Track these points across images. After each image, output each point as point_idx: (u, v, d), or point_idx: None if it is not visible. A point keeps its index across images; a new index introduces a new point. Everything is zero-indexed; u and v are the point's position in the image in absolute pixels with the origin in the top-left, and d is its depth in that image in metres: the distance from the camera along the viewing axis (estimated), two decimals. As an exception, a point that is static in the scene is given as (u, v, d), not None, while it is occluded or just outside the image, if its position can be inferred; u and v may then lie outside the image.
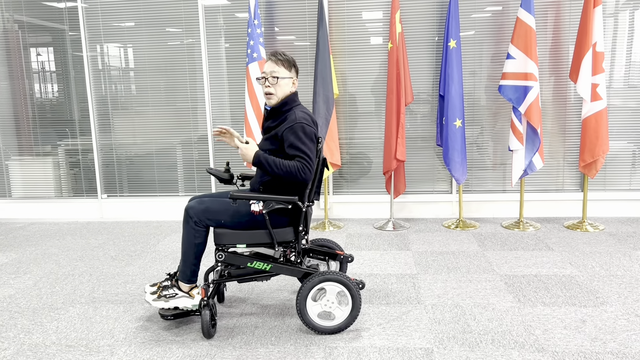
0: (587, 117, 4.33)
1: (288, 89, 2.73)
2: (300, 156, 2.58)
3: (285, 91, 2.73)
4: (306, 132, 2.60)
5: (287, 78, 2.72)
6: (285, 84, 2.72)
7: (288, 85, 2.73)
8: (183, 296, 2.77)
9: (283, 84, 2.71)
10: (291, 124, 2.61)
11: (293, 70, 2.76)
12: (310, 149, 2.61)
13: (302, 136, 2.59)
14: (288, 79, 2.73)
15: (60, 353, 2.60)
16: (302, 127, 2.60)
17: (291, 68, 2.75)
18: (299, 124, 2.60)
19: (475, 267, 3.63)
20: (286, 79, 2.72)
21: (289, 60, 2.74)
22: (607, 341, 2.54)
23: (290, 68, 2.74)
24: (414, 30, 4.80)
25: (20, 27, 5.21)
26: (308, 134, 2.61)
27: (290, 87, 2.74)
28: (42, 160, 5.45)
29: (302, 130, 2.59)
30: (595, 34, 4.21)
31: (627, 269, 3.49)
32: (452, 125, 4.43)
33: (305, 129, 2.60)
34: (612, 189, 4.85)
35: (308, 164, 2.58)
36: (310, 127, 2.63)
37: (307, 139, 2.60)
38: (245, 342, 2.65)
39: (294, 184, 2.66)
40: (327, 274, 2.65)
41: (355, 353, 2.51)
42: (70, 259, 4.08)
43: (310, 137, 2.62)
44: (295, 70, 2.78)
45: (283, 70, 2.71)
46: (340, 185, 5.12)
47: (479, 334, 2.66)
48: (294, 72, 2.76)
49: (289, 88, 2.74)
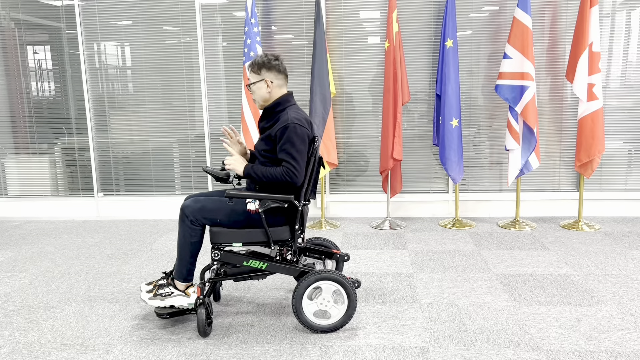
0: (583, 117, 4.34)
1: (263, 92, 2.73)
2: (287, 160, 2.59)
3: (261, 95, 2.74)
4: (297, 133, 2.60)
5: (257, 82, 2.72)
6: (258, 88, 2.73)
7: (262, 89, 2.73)
8: (179, 295, 2.77)
9: (255, 88, 2.74)
10: (283, 125, 2.62)
11: (263, 71, 2.72)
12: (298, 151, 2.61)
13: (293, 137, 2.59)
14: (259, 82, 2.72)
15: (55, 351, 2.60)
16: (294, 127, 2.60)
17: (260, 70, 2.72)
18: (290, 124, 2.60)
19: (471, 266, 3.63)
20: (257, 83, 2.73)
21: (256, 64, 2.72)
22: (602, 340, 2.55)
23: (258, 71, 2.72)
24: (411, 30, 4.80)
25: (17, 24, 5.19)
26: (299, 134, 2.61)
27: (265, 89, 2.72)
28: (38, 158, 5.44)
29: (293, 131, 2.59)
30: (592, 34, 4.22)
31: (622, 269, 3.51)
32: (448, 124, 4.43)
33: (296, 130, 2.60)
34: (608, 188, 4.86)
35: (293, 167, 2.59)
36: (302, 128, 2.63)
37: (298, 140, 2.60)
38: (241, 341, 2.66)
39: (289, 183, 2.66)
40: (323, 273, 2.65)
41: (350, 352, 2.51)
42: (66, 257, 4.07)
43: (301, 138, 2.62)
44: (269, 70, 2.72)
45: (252, 75, 2.74)
46: (337, 184, 5.12)
47: (474, 332, 2.67)
48: (265, 73, 2.72)
49: (264, 91, 2.73)
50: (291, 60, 4.95)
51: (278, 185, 2.66)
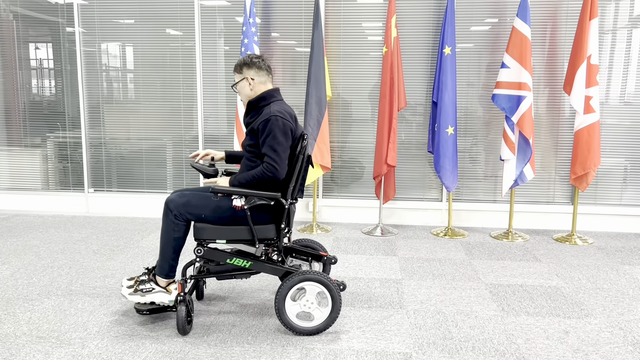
0: (580, 130, 4.31)
1: (247, 90, 2.74)
2: (268, 155, 2.58)
3: (245, 93, 2.75)
4: (279, 126, 2.58)
5: (240, 82, 2.74)
6: (241, 87, 2.75)
7: (245, 87, 2.74)
8: (160, 291, 2.71)
9: (239, 88, 2.77)
10: (265, 117, 2.60)
11: (245, 69, 2.73)
12: (280, 144, 2.58)
13: (274, 129, 2.57)
14: (241, 81, 2.74)
15: (30, 344, 2.53)
16: (276, 119, 2.58)
17: (241, 69, 2.74)
18: (272, 117, 2.59)
19: (461, 274, 3.58)
20: (239, 82, 2.75)
21: (239, 64, 2.75)
22: (590, 353, 2.50)
23: (240, 70, 2.74)
24: (409, 36, 4.78)
25: (15, 17, 5.16)
26: (281, 127, 2.58)
27: (248, 87, 2.73)
28: (30, 152, 5.39)
29: (275, 123, 2.58)
30: (591, 46, 4.20)
31: (613, 283, 3.45)
32: (444, 132, 4.40)
33: (277, 122, 2.58)
34: (603, 203, 4.82)
35: (274, 161, 2.57)
36: (285, 120, 2.61)
37: (279, 132, 2.58)
38: (220, 340, 2.59)
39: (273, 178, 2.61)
40: (308, 274, 2.60)
41: (332, 355, 2.45)
42: (51, 251, 4.01)
43: (283, 131, 2.59)
44: (250, 68, 2.72)
45: (236, 75, 2.77)
46: (331, 189, 5.07)
47: (459, 340, 2.61)
48: (246, 71, 2.73)
49: (247, 89, 2.74)
50: (289, 66, 4.92)
51: (264, 183, 2.61)
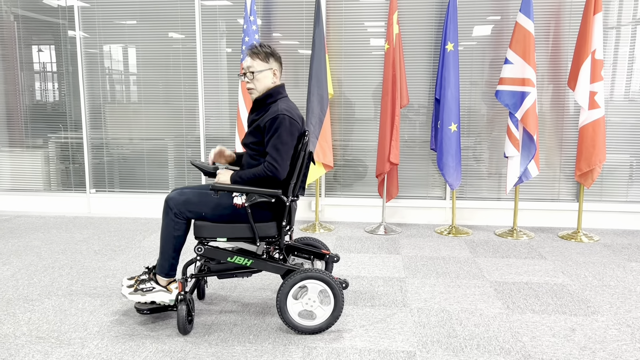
0: (584, 126, 4.26)
1: (269, 81, 2.67)
2: (270, 154, 2.54)
3: (265, 84, 2.68)
4: (285, 125, 2.53)
5: (264, 70, 2.66)
6: (264, 77, 2.67)
7: (268, 78, 2.67)
8: (160, 290, 2.68)
9: (261, 77, 2.67)
10: (272, 115, 2.55)
11: (272, 61, 2.68)
12: (284, 143, 2.54)
13: (280, 129, 2.53)
14: (266, 70, 2.66)
15: (29, 344, 2.50)
16: (283, 118, 2.53)
17: (268, 59, 2.67)
18: (280, 115, 2.53)
19: (465, 272, 3.53)
20: (264, 71, 2.66)
21: (265, 52, 2.67)
22: (597, 350, 2.45)
23: (267, 59, 2.67)
24: (411, 32, 4.74)
25: (16, 19, 5.15)
26: (287, 127, 2.54)
27: (271, 78, 2.68)
28: (32, 153, 5.38)
29: (282, 122, 2.53)
30: (595, 42, 4.15)
31: (620, 280, 3.40)
32: (447, 129, 4.36)
33: (285, 121, 2.53)
34: (609, 200, 4.76)
35: (275, 161, 2.53)
36: (292, 119, 2.56)
37: (285, 132, 2.53)
38: (222, 340, 2.56)
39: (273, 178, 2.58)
40: (310, 272, 2.56)
41: (334, 354, 2.42)
42: (52, 251, 3.99)
43: (289, 131, 2.54)
44: (276, 60, 2.70)
45: (259, 63, 2.66)
46: (333, 187, 5.03)
47: (464, 339, 2.57)
48: (273, 63, 2.68)
49: (270, 80, 2.67)
50: (291, 67, 4.89)
51: (265, 181, 2.58)
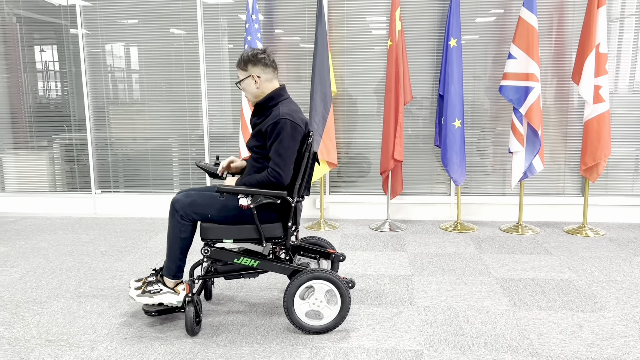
0: (589, 120, 4.25)
1: (252, 88, 2.66)
2: (273, 160, 2.54)
3: (251, 91, 2.67)
4: (287, 130, 2.52)
5: (245, 79, 2.66)
6: (247, 85, 2.67)
7: (250, 85, 2.66)
8: (168, 292, 2.70)
9: (245, 85, 2.68)
10: (273, 120, 2.54)
11: (250, 67, 2.64)
12: (286, 149, 2.53)
13: (282, 134, 2.52)
14: (246, 79, 2.66)
15: (39, 347, 2.52)
16: (285, 123, 2.52)
17: (246, 66, 2.64)
18: (281, 120, 2.52)
19: (471, 269, 3.54)
20: (244, 80, 2.66)
21: (244, 60, 2.65)
22: (604, 347, 2.45)
23: (245, 67, 2.65)
24: (414, 28, 4.72)
25: (18, 20, 5.16)
26: (289, 131, 2.53)
27: (254, 85, 2.65)
28: (37, 154, 5.40)
29: (283, 127, 2.52)
30: (599, 35, 4.13)
31: (627, 275, 3.40)
32: (451, 125, 4.35)
33: (286, 126, 2.52)
34: (614, 194, 4.75)
35: (278, 167, 2.53)
36: (294, 123, 2.55)
37: (287, 137, 2.53)
38: (230, 340, 2.57)
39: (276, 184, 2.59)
40: (316, 272, 2.57)
41: (342, 354, 2.43)
42: (59, 253, 4.01)
43: (291, 135, 2.53)
44: (255, 65, 2.64)
45: (240, 72, 2.69)
46: (338, 185, 5.04)
47: (471, 337, 2.57)
48: (251, 68, 2.64)
49: (253, 87, 2.66)
50: (293, 62, 4.88)
51: (269, 186, 2.58)
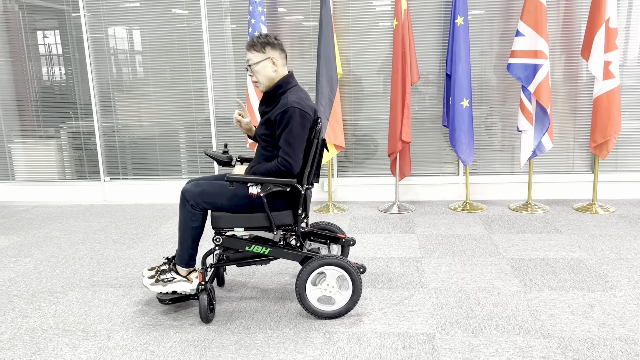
0: (599, 96, 4.20)
1: (269, 70, 2.63)
2: (283, 149, 2.54)
3: (267, 74, 2.64)
4: (296, 118, 2.51)
5: (262, 61, 2.62)
6: (262, 68, 2.62)
7: (267, 67, 2.62)
8: (181, 280, 2.72)
9: (260, 68, 2.63)
10: (282, 109, 2.53)
11: (268, 49, 2.61)
12: (296, 137, 2.53)
13: (291, 122, 2.51)
14: (264, 61, 2.62)
15: (57, 337, 2.57)
16: (293, 111, 2.51)
17: (264, 48, 2.61)
18: (290, 108, 2.51)
19: (481, 250, 3.54)
20: (261, 62, 2.62)
21: (261, 43, 2.61)
22: (616, 327, 2.47)
23: (262, 49, 2.61)
24: (420, 7, 4.65)
25: (21, 7, 5.12)
26: (298, 119, 2.52)
27: (271, 67, 2.62)
28: (45, 142, 5.42)
29: (292, 115, 2.51)
30: (609, 9, 4.05)
31: (637, 253, 3.40)
32: (459, 105, 4.31)
33: (295, 114, 2.51)
34: (624, 170, 4.72)
35: (288, 156, 2.53)
36: (302, 111, 2.54)
37: (296, 125, 2.52)
38: (243, 327, 2.61)
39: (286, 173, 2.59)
40: (327, 258, 2.58)
41: (355, 338, 2.45)
42: (71, 242, 4.05)
43: (300, 123, 2.53)
44: (274, 48, 2.62)
45: (255, 54, 2.63)
46: (345, 167, 5.03)
47: (482, 319, 2.59)
48: (270, 51, 2.62)
49: (270, 69, 2.63)
50: (297, 41, 4.84)
51: (279, 175, 2.58)
